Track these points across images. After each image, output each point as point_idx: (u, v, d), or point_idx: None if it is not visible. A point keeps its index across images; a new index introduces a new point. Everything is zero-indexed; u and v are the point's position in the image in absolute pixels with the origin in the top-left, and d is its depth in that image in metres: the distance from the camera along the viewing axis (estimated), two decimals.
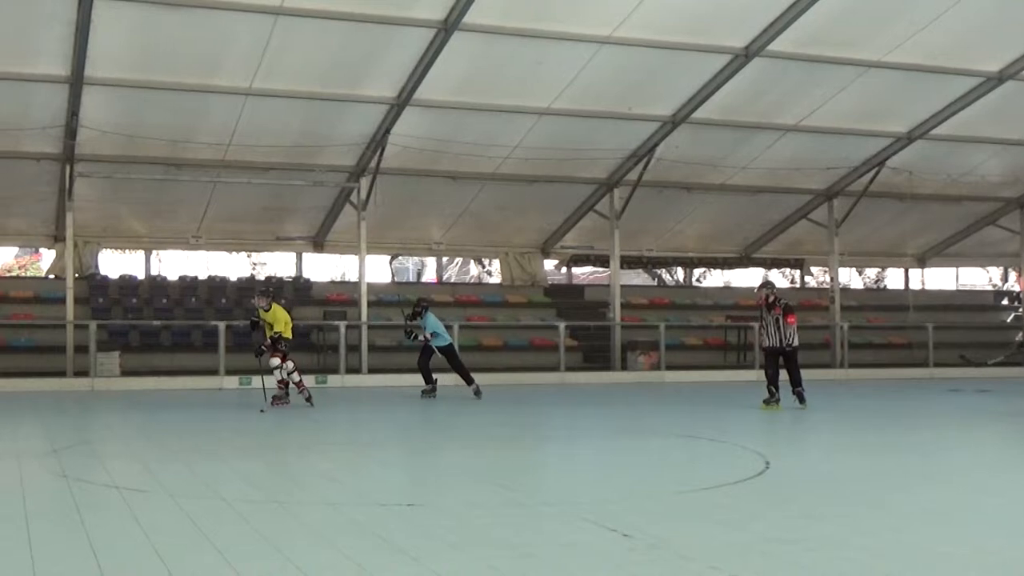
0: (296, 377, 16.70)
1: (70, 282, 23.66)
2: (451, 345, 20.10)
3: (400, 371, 23.89)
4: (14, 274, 40.66)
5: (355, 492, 8.73)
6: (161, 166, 23.84)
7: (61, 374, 22.12)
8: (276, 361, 16.46)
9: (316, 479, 9.72)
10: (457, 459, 11.21)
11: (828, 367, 28.48)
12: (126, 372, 22.56)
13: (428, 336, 19.57)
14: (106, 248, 29.01)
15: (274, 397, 16.51)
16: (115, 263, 35.79)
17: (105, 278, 27.37)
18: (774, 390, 16.64)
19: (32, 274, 39.58)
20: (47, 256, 30.84)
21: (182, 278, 28.70)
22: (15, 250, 41.96)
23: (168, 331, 25.31)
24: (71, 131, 21.84)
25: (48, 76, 20.66)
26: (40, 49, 20.00)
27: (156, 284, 28.19)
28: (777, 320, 16.71)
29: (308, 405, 16.55)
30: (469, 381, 19.64)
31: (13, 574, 5.75)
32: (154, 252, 29.72)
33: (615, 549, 6.17)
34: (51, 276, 27.32)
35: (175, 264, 37.64)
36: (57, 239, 25.96)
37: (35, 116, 21.61)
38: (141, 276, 28.89)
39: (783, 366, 16.83)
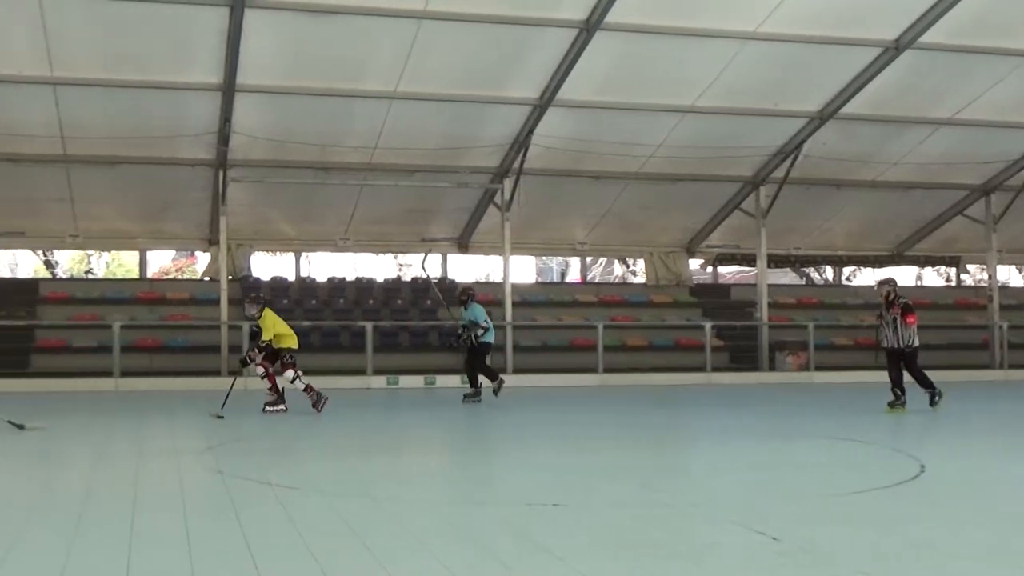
0: (300, 384, 15.69)
1: (224, 284, 24.31)
2: (491, 345, 18.65)
3: (546, 371, 23.93)
4: (171, 276, 41.97)
5: (501, 491, 8.76)
6: (310, 170, 24.34)
7: (216, 373, 22.73)
8: (290, 374, 15.49)
9: (463, 478, 9.78)
10: (602, 459, 11.14)
11: (987, 368, 27.55)
12: (278, 372, 23.03)
13: (478, 332, 17.91)
14: (258, 250, 29.75)
15: (270, 403, 15.67)
16: (266, 265, 36.73)
17: (257, 280, 28.05)
18: (899, 392, 15.99)
19: (188, 276, 40.82)
20: (202, 259, 31.80)
21: (330, 279, 29.25)
22: (172, 253, 43.30)
23: (317, 331, 25.80)
24: (224, 137, 22.46)
25: (202, 84, 21.30)
26: (194, 59, 20.63)
27: (306, 285, 28.78)
28: (895, 320, 16.03)
29: (315, 412, 15.57)
30: (475, 383, 18.17)
31: (172, 566, 5.92)
32: (303, 254, 30.34)
33: (763, 552, 6.05)
34: (206, 278, 28.13)
35: (324, 265, 38.41)
36: (211, 242, 26.73)
37: (190, 124, 22.31)
38: (291, 278, 29.53)
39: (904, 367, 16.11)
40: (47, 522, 7.38)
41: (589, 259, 36.21)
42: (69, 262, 45.51)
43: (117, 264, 45.88)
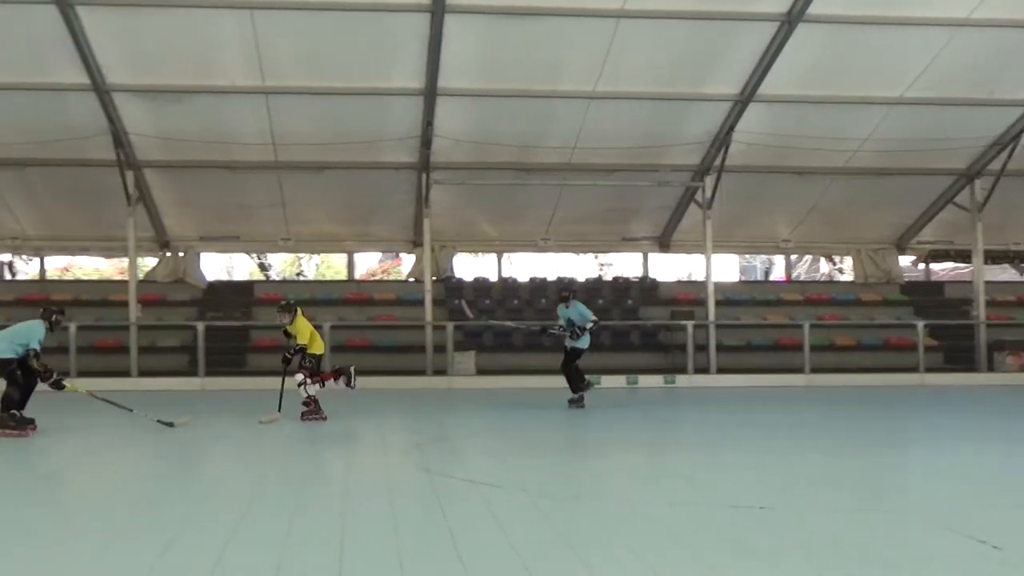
0: (313, 390, 14.91)
1: (428, 285, 24.77)
2: (584, 351, 16.92)
3: (750, 371, 23.52)
4: (378, 278, 42.99)
5: (706, 492, 8.63)
6: (510, 171, 24.56)
7: (421, 372, 23.15)
8: (300, 377, 14.81)
9: (667, 478, 9.68)
10: (808, 462, 10.85)
11: None
12: (481, 371, 23.37)
13: (578, 330, 16.60)
14: (460, 251, 30.18)
15: (303, 413, 14.88)
16: (469, 266, 37.21)
17: (460, 280, 28.47)
18: None
19: (394, 277, 41.72)
20: (406, 260, 32.46)
21: (532, 279, 29.44)
22: (378, 255, 44.34)
23: (520, 331, 26.00)
24: (426, 141, 22.89)
25: (404, 89, 21.76)
26: (396, 65, 21.09)
27: (507, 285, 29.05)
28: None
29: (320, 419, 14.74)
30: (576, 389, 16.88)
31: (381, 558, 6.06)
32: (505, 254, 30.65)
33: (985, 562, 5.76)
34: (411, 279, 28.70)
35: (525, 266, 38.69)
36: (416, 244, 27.27)
37: (393, 128, 22.82)
38: (493, 278, 29.86)
39: None
40: (266, 508, 7.67)
41: (794, 257, 35.36)
42: (281, 264, 47.20)
43: (326, 266, 47.34)
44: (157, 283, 26.87)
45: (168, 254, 27.03)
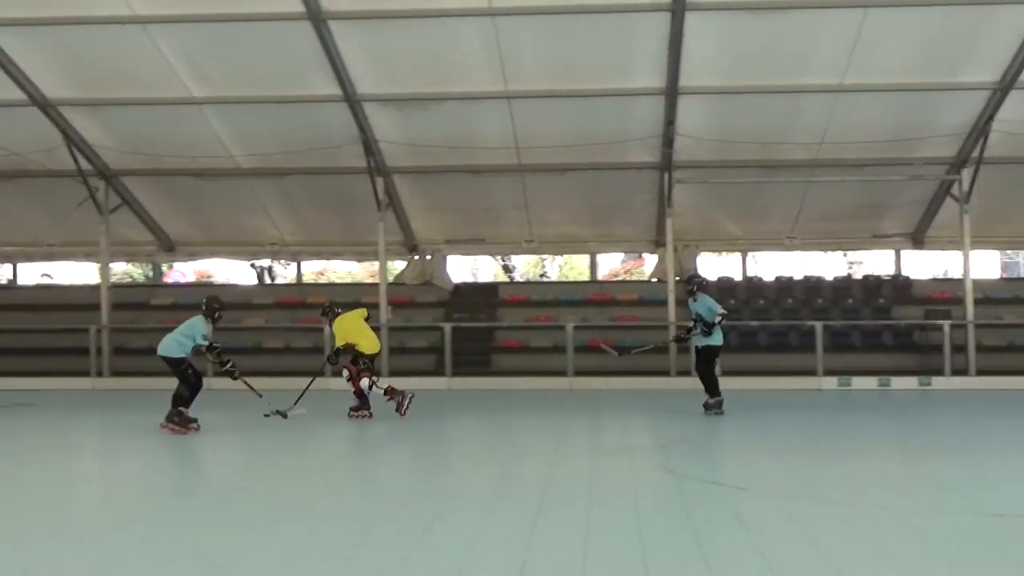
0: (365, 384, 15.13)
1: (671, 285, 24.57)
2: (719, 349, 15.99)
3: (1013, 373, 22.30)
4: (620, 278, 43.06)
5: (966, 501, 8.23)
6: (754, 169, 24.11)
7: (664, 373, 22.96)
8: (345, 373, 15.19)
9: (923, 485, 9.27)
10: None
11: None
12: (725, 372, 23.01)
13: (705, 327, 15.69)
14: (704, 251, 29.86)
15: (353, 409, 15.38)
16: (713, 265, 36.83)
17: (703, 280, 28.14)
18: None
19: (636, 278, 41.68)
20: (649, 260, 32.35)
21: (778, 278, 28.87)
22: (620, 255, 44.42)
23: (765, 331, 25.52)
24: (668, 140, 22.74)
25: (645, 89, 21.67)
26: (637, 65, 21.03)
27: (753, 285, 28.58)
28: None
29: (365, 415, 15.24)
30: (714, 393, 15.87)
31: (626, 558, 6.04)
32: (749, 253, 30.15)
33: None
34: (653, 279, 28.60)
35: (770, 265, 38.01)
36: (658, 244, 27.14)
37: (635, 128, 22.76)
38: (738, 277, 29.44)
39: None
40: (510, 507, 7.78)
41: None
42: (525, 266, 47.95)
43: (569, 267, 47.79)
44: (406, 285, 27.71)
45: (416, 257, 27.82)
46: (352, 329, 15.36)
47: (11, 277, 31.74)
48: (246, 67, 20.65)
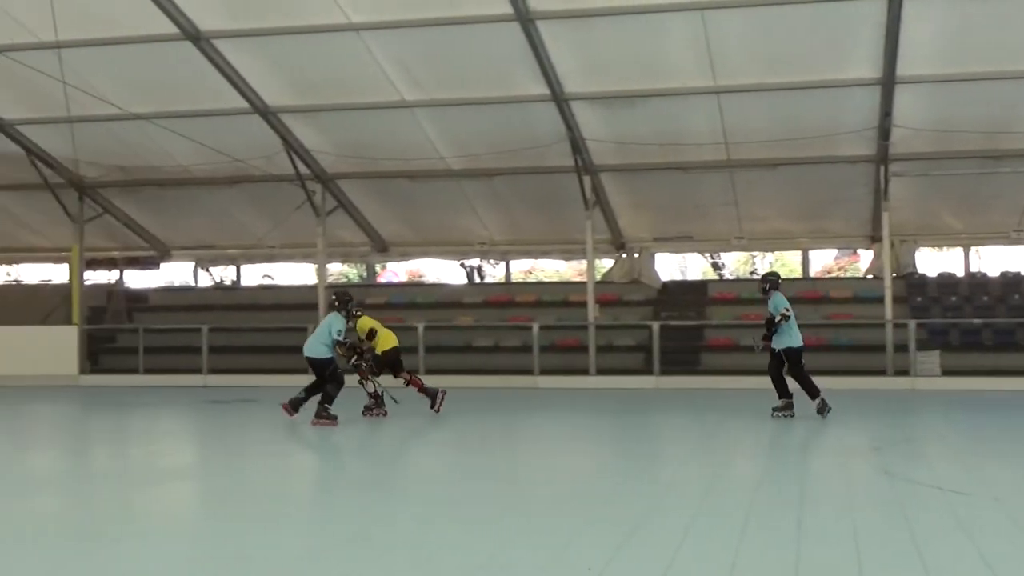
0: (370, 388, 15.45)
1: (888, 281, 23.81)
2: (800, 350, 14.79)
3: None
4: (833, 275, 42.01)
5: None
6: (977, 160, 23.11)
7: (881, 372, 22.32)
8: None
9: None
10: None
11: None
12: (947, 371, 22.17)
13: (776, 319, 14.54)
14: (923, 246, 28.84)
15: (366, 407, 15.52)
16: (933, 261, 35.55)
17: (923, 276, 27.20)
18: None
19: (850, 275, 40.61)
20: (864, 256, 31.42)
21: (1003, 274, 27.64)
22: (834, 251, 43.37)
23: (989, 329, 24.44)
24: (884, 132, 21.97)
25: (859, 80, 20.99)
26: (851, 55, 20.40)
27: (976, 281, 27.44)
28: None
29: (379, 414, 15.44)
30: (782, 392, 14.85)
31: (840, 563, 5.90)
32: (972, 248, 28.96)
33: None
34: (869, 276, 27.78)
35: (995, 260, 36.44)
36: (874, 239, 26.31)
37: (848, 120, 22.10)
38: (960, 273, 28.33)
39: None
40: (719, 507, 7.70)
41: None
42: (735, 263, 47.29)
43: (780, 264, 46.89)
44: (613, 284, 27.71)
45: (624, 255, 27.78)
46: (376, 327, 15.75)
47: (235, 278, 33.25)
48: (456, 70, 20.99)
